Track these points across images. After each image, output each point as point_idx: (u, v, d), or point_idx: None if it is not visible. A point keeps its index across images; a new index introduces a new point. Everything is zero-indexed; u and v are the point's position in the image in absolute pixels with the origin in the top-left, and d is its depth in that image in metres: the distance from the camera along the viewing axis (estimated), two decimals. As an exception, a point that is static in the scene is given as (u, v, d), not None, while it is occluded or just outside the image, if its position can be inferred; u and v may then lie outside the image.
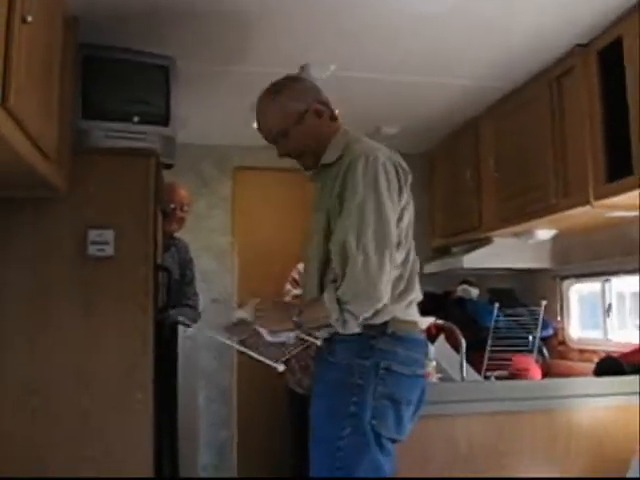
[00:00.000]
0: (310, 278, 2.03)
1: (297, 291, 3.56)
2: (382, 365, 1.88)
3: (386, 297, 1.86)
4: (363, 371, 1.88)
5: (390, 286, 1.88)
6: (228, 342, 2.13)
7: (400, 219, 1.96)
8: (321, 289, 1.96)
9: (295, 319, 1.94)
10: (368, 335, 1.91)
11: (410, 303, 2.00)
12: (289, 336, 2.04)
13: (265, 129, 2.09)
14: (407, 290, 1.98)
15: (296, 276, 3.62)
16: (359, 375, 1.88)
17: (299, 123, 2.04)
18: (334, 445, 1.86)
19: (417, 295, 2.03)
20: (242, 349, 2.06)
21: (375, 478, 1.89)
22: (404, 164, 2.04)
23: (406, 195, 2.01)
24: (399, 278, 1.95)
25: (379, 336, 1.91)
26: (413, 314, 2.02)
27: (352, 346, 1.91)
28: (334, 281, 1.89)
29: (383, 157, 1.94)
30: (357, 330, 1.88)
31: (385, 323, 1.92)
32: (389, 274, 1.86)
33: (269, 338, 2.00)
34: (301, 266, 3.56)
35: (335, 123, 2.13)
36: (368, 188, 1.88)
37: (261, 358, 1.97)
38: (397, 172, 1.97)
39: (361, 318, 1.86)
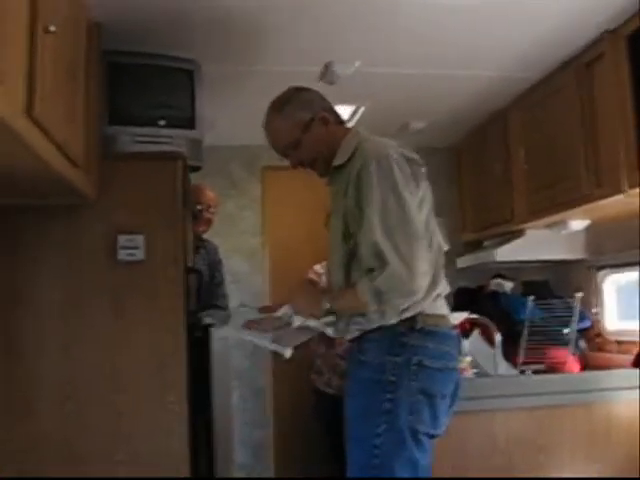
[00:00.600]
0: (336, 282, 2.05)
1: None
2: (414, 361, 1.88)
3: (423, 289, 1.86)
4: (395, 368, 1.88)
5: (426, 277, 1.88)
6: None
7: (419, 209, 1.96)
8: None
9: (325, 305, 1.97)
10: (398, 332, 1.91)
11: (437, 297, 1.99)
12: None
13: (275, 143, 2.12)
14: (433, 284, 1.96)
15: (312, 276, 3.62)
16: (391, 372, 1.88)
17: (307, 132, 2.06)
18: (370, 443, 1.85)
19: (444, 288, 2.02)
20: (246, 336, 2.06)
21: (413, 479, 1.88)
22: (416, 157, 2.04)
23: (422, 188, 2.01)
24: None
25: (409, 332, 1.91)
26: (441, 307, 2.01)
27: (382, 344, 1.92)
28: (370, 271, 1.88)
29: (395, 153, 1.95)
30: (394, 321, 1.88)
31: (414, 319, 1.91)
32: (424, 265, 1.86)
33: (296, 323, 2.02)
34: (317, 267, 3.58)
35: (343, 127, 2.16)
36: (386, 186, 1.88)
37: (270, 346, 1.99)
38: (410, 166, 1.98)
39: (400, 309, 1.87)
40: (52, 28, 1.67)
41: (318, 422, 3.66)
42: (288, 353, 1.94)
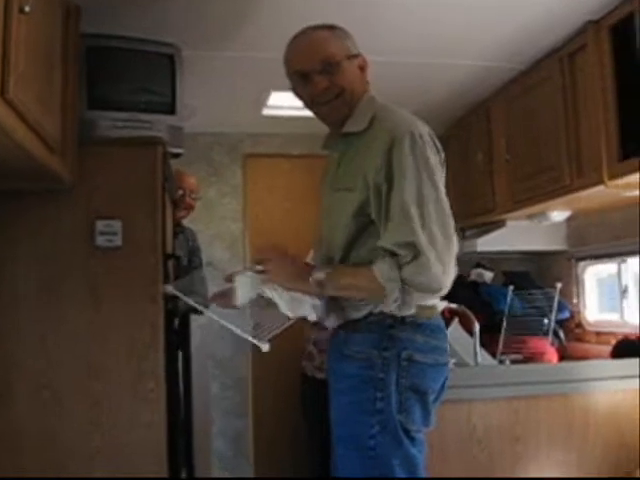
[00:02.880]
0: (332, 257, 1.90)
1: None
2: (403, 356, 1.76)
3: (448, 287, 1.76)
4: (384, 363, 1.76)
5: (453, 275, 1.77)
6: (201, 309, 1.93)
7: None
8: None
9: (319, 276, 1.78)
10: (387, 324, 1.78)
11: None
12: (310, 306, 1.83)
13: (317, 52, 1.88)
14: None
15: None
16: (380, 368, 1.75)
17: (349, 61, 1.89)
18: (365, 445, 1.75)
19: None
20: (217, 318, 1.89)
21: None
22: (437, 141, 1.90)
23: (444, 171, 1.90)
24: None
25: (398, 324, 1.78)
26: (433, 298, 1.86)
27: (370, 337, 1.79)
28: (393, 255, 1.72)
29: (425, 133, 1.81)
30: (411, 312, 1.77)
31: None
32: (453, 261, 1.76)
33: (286, 311, 1.82)
34: None
35: (368, 85, 2.00)
36: (422, 170, 1.74)
37: (243, 334, 1.83)
38: (437, 148, 1.85)
39: (417, 304, 1.76)
40: (27, 9, 1.63)
41: (305, 411, 3.63)
42: (265, 348, 1.78)
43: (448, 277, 1.73)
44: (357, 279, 1.79)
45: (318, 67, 1.87)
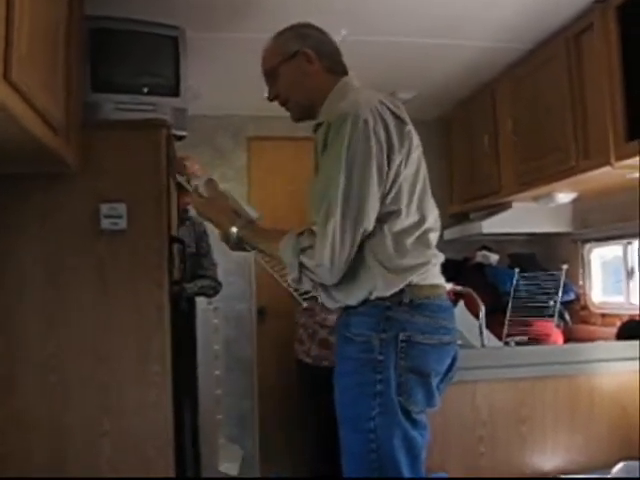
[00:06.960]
0: None
1: None
2: (402, 337, 1.74)
3: (338, 278, 1.79)
4: (382, 345, 1.75)
5: (342, 269, 1.77)
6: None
7: (396, 176, 1.78)
8: None
9: (237, 229, 2.03)
10: (384, 305, 1.78)
11: (427, 264, 1.83)
12: None
13: (261, 65, 2.06)
14: (421, 254, 1.82)
15: None
16: (379, 350, 1.75)
17: (286, 63, 1.97)
18: (365, 427, 1.75)
19: (434, 256, 1.87)
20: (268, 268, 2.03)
21: None
22: (402, 113, 1.84)
23: (406, 148, 1.81)
24: (407, 239, 1.81)
25: (395, 306, 1.77)
26: (433, 277, 1.85)
27: (367, 319, 1.79)
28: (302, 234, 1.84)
29: (366, 113, 1.75)
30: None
31: (401, 291, 1.78)
32: (351, 253, 1.75)
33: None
34: None
35: (335, 77, 1.99)
36: (342, 152, 1.72)
37: (288, 287, 1.98)
38: (386, 127, 1.77)
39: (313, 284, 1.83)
40: (30, -10, 1.63)
41: (300, 393, 3.65)
42: (305, 304, 1.93)
43: (340, 270, 1.76)
44: (270, 246, 1.96)
45: (265, 79, 2.06)
